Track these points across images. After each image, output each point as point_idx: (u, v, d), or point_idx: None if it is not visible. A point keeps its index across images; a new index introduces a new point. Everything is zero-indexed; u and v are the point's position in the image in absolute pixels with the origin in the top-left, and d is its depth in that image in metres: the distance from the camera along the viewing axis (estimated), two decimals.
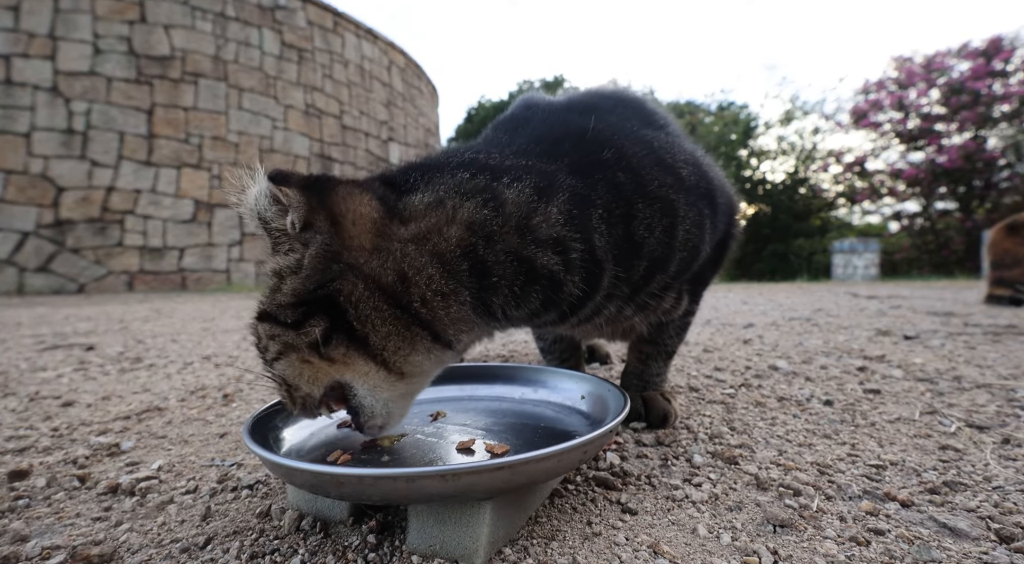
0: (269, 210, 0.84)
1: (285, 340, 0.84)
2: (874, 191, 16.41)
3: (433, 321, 0.85)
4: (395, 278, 0.83)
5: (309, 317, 0.82)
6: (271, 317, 0.85)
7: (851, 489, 0.89)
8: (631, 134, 1.04)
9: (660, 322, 1.23)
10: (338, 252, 0.83)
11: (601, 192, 0.93)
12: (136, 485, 0.88)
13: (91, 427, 1.25)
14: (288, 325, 0.83)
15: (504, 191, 0.88)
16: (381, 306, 0.82)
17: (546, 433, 0.96)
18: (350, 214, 0.86)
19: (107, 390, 1.68)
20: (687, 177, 1.05)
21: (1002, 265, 4.47)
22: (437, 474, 0.60)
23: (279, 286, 0.85)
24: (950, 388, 1.58)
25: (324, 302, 0.82)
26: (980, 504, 0.83)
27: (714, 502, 0.85)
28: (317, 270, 0.83)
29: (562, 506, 0.83)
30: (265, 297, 0.87)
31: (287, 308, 0.83)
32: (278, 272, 0.86)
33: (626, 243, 0.95)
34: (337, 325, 0.82)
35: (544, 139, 0.99)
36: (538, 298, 0.89)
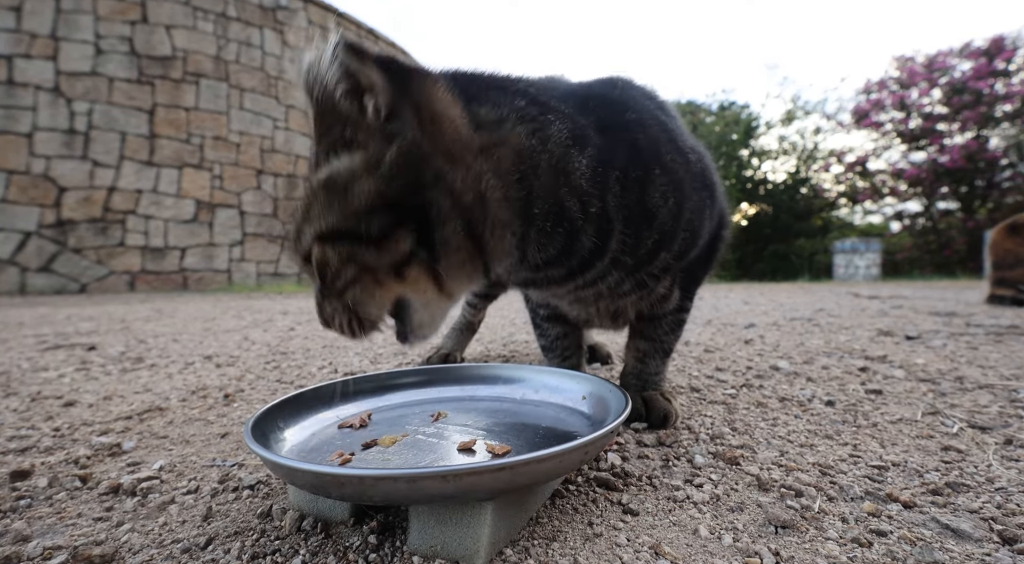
0: (338, 85, 0.71)
1: (365, 260, 0.76)
2: (876, 191, 16.39)
3: (491, 251, 0.84)
4: (474, 198, 0.79)
5: (395, 229, 0.75)
6: (346, 233, 0.75)
7: (853, 490, 0.89)
8: (648, 110, 1.05)
9: (653, 315, 1.25)
10: (429, 155, 0.75)
11: (621, 154, 0.95)
12: (137, 485, 0.88)
13: (92, 427, 1.25)
14: (369, 240, 0.75)
15: (550, 129, 0.89)
16: (458, 227, 0.78)
17: (547, 434, 0.96)
18: (438, 112, 0.78)
19: (108, 390, 1.68)
20: (694, 163, 1.08)
21: (1004, 265, 4.46)
22: (438, 474, 0.60)
23: (348, 189, 0.74)
24: (952, 389, 1.58)
25: (414, 213, 0.75)
26: (983, 505, 0.83)
27: (715, 503, 0.85)
28: (405, 172, 0.74)
29: (563, 507, 0.83)
30: (323, 210, 0.75)
31: (368, 217, 0.74)
32: (344, 173, 0.74)
33: (639, 208, 0.97)
34: (421, 241, 0.76)
35: (572, 97, 1.00)
36: (559, 243, 0.90)
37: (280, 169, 10.80)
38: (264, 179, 10.62)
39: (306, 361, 2.22)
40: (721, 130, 17.25)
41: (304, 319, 4.14)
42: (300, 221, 0.79)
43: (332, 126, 0.74)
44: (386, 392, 1.18)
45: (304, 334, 3.17)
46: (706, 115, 18.76)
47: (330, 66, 0.70)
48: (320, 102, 0.73)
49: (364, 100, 0.73)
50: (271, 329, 3.50)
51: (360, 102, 0.73)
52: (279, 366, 2.11)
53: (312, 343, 2.76)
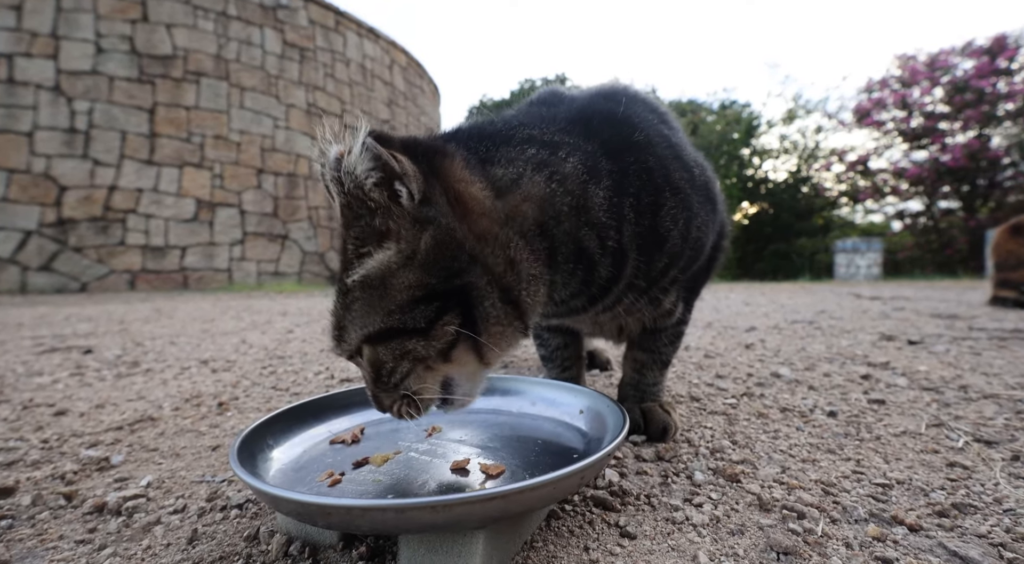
0: (368, 176, 0.70)
1: (416, 352, 0.76)
2: (877, 190, 16.34)
3: (526, 309, 0.84)
4: (506, 267, 0.79)
5: (440, 316, 0.74)
6: (397, 331, 0.74)
7: (857, 511, 0.86)
8: (653, 126, 1.04)
9: (656, 327, 1.23)
10: (462, 237, 0.75)
11: (633, 179, 0.95)
12: (123, 504, 0.86)
13: (82, 438, 1.23)
14: (418, 331, 0.74)
15: (565, 168, 0.89)
16: (496, 300, 0.78)
17: (544, 450, 0.94)
18: (462, 192, 0.78)
19: (102, 397, 1.66)
20: (698, 177, 1.07)
21: (1006, 266, 4.43)
22: (428, 506, 0.58)
23: (389, 283, 0.73)
24: (956, 398, 1.56)
25: (456, 297, 0.75)
26: (991, 529, 0.81)
27: (715, 525, 0.83)
28: (442, 258, 0.74)
29: (559, 529, 0.80)
30: (367, 310, 0.74)
31: (413, 310, 0.73)
32: (381, 268, 0.73)
33: (652, 235, 0.97)
34: (464, 322, 0.76)
35: (578, 119, 0.99)
36: (579, 279, 0.91)
37: (280, 168, 10.78)
38: (264, 178, 10.60)
39: (303, 366, 2.20)
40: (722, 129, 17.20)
41: (303, 321, 4.12)
42: (341, 320, 0.78)
43: (362, 217, 0.73)
44: None
45: (302, 337, 3.15)
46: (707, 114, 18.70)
47: (360, 157, 0.69)
48: (350, 193, 0.71)
49: (396, 187, 0.71)
50: (269, 331, 3.48)
51: (391, 190, 0.72)
52: (275, 371, 2.09)
53: (310, 346, 2.75)
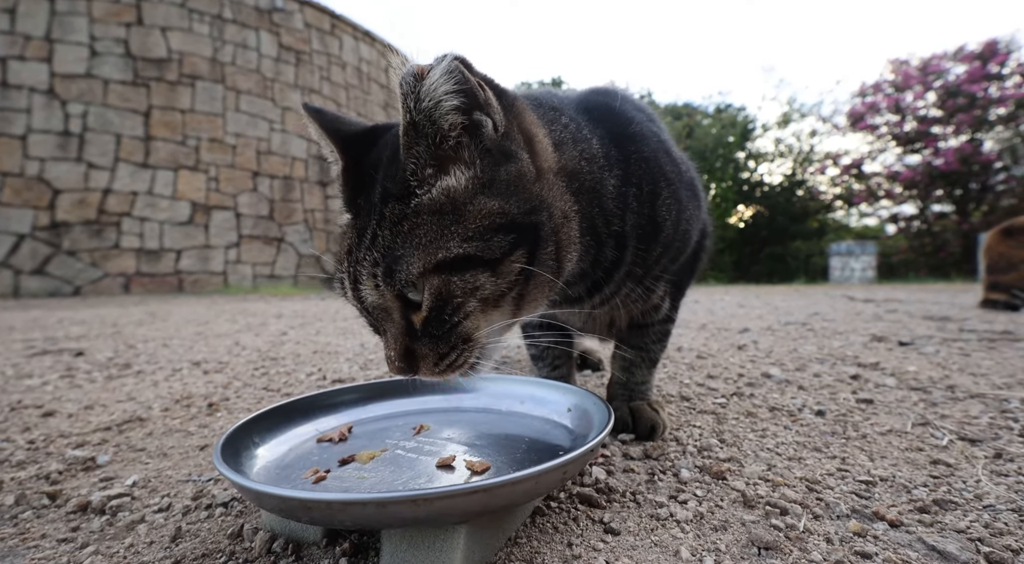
0: (448, 99, 0.68)
1: (485, 289, 0.71)
2: (871, 193, 16.43)
3: (564, 268, 0.83)
4: (562, 217, 0.80)
5: (513, 250, 0.72)
6: (474, 259, 0.69)
7: (839, 507, 0.87)
8: (643, 123, 1.08)
9: (643, 323, 1.26)
10: (534, 177, 0.75)
11: (635, 168, 0.98)
12: (107, 503, 0.86)
13: (69, 439, 1.23)
14: (490, 264, 0.71)
15: (592, 149, 0.92)
16: (552, 248, 0.78)
17: (530, 448, 0.94)
18: (532, 134, 0.79)
19: (91, 398, 1.66)
20: (684, 172, 1.12)
21: (996, 269, 4.45)
22: (408, 499, 0.58)
23: (465, 208, 0.70)
24: (943, 398, 1.57)
25: (529, 234, 0.73)
26: (970, 524, 0.81)
27: (699, 521, 0.83)
28: (520, 191, 0.73)
29: (543, 525, 0.81)
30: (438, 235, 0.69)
31: (493, 236, 0.70)
32: (458, 191, 0.70)
33: (650, 224, 1.00)
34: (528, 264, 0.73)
35: (582, 108, 1.02)
36: (589, 259, 0.93)
37: (276, 171, 10.77)
38: (260, 181, 10.59)
39: (295, 367, 2.20)
40: (718, 132, 17.26)
41: (297, 323, 4.12)
42: (391, 250, 0.70)
43: (428, 138, 0.69)
44: (368, 403, 1.16)
45: (296, 339, 3.15)
46: (703, 117, 18.78)
47: (444, 78, 0.66)
48: (423, 112, 0.67)
49: (476, 116, 0.71)
50: (263, 333, 3.47)
51: (470, 118, 0.70)
52: (267, 373, 2.09)
53: (303, 348, 2.74)
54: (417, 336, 0.74)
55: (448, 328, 0.73)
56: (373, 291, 0.73)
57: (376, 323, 0.79)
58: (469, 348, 0.76)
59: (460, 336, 0.74)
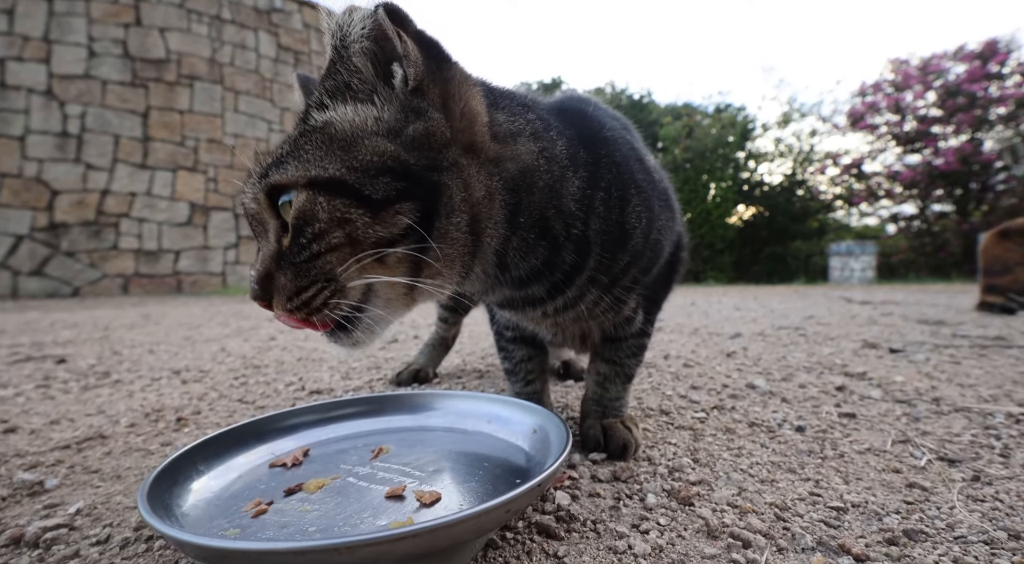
0: (362, 42, 0.71)
1: (356, 226, 0.69)
2: (871, 193, 16.33)
3: (476, 254, 0.81)
4: (483, 195, 0.78)
5: (400, 199, 0.70)
6: (347, 187, 0.68)
7: (805, 539, 0.84)
8: (617, 130, 1.07)
9: (617, 336, 1.23)
10: (448, 141, 0.75)
11: (604, 172, 0.96)
12: (43, 535, 0.83)
13: (24, 459, 1.20)
14: (369, 204, 0.69)
15: (555, 148, 0.90)
16: (462, 222, 0.75)
17: (488, 474, 0.91)
18: (469, 107, 0.78)
19: (60, 411, 1.63)
20: (658, 181, 1.11)
21: (992, 272, 4.41)
22: (331, 548, 0.55)
23: (358, 141, 0.71)
24: (927, 412, 1.53)
25: (425, 192, 0.71)
26: (939, 559, 0.78)
27: (657, 556, 0.80)
28: (426, 148, 0.72)
29: (494, 561, 0.78)
30: (322, 154, 0.70)
31: (375, 176, 0.69)
32: (355, 123, 0.72)
33: (617, 230, 0.97)
34: (420, 224, 0.71)
35: (555, 110, 1.01)
36: (539, 258, 0.90)
37: None
38: None
39: (276, 376, 2.17)
40: (717, 132, 17.16)
41: (288, 328, 4.08)
42: (284, 152, 0.73)
43: (345, 75, 0.73)
44: (331, 423, 1.14)
45: (283, 344, 3.12)
46: (702, 117, 18.70)
47: (361, 21, 0.70)
48: (343, 50, 0.72)
49: (392, 66, 0.73)
50: (252, 338, 3.45)
51: (385, 67, 0.73)
52: (247, 382, 2.06)
53: (288, 355, 2.72)
54: (281, 265, 0.72)
55: (308, 257, 0.70)
56: (251, 196, 0.74)
57: (256, 240, 0.79)
58: (329, 289, 0.71)
59: (321, 272, 0.70)
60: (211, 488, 0.86)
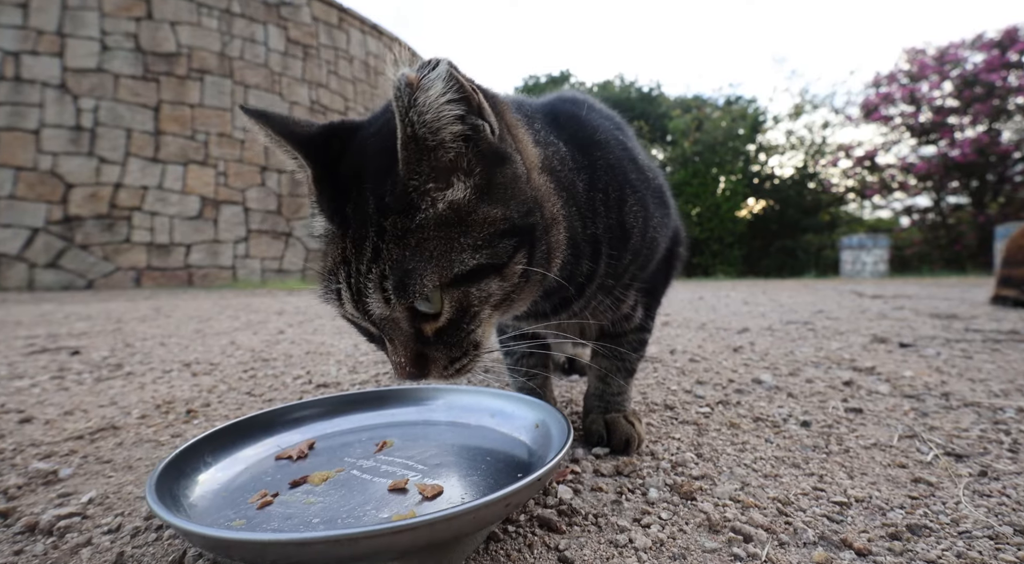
0: (449, 109, 0.65)
1: (494, 294, 0.73)
2: (884, 186, 16.13)
3: (554, 265, 0.83)
4: (551, 215, 0.80)
5: (515, 253, 0.73)
6: (487, 268, 0.71)
7: (807, 534, 0.84)
8: (610, 130, 1.07)
9: (616, 332, 1.24)
10: (525, 177, 0.76)
11: (601, 174, 0.97)
12: (56, 523, 0.85)
13: (39, 449, 1.22)
14: (499, 269, 0.72)
15: (562, 151, 0.92)
16: (545, 247, 0.78)
17: (490, 467, 0.92)
18: (519, 136, 0.79)
19: (74, 402, 1.66)
20: (651, 179, 1.11)
21: (1012, 262, 4.33)
22: (332, 539, 0.56)
23: (470, 218, 0.70)
24: (936, 407, 1.52)
25: (528, 234, 0.74)
26: (942, 554, 0.78)
27: (658, 549, 0.80)
28: (519, 193, 0.74)
29: (495, 553, 0.79)
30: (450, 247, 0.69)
31: (498, 242, 0.71)
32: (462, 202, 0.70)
33: (619, 230, 0.99)
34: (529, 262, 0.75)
35: (546, 114, 1.01)
36: (568, 269, 0.91)
37: (284, 166, 10.72)
38: (268, 176, 10.64)
39: (285, 369, 2.20)
40: (728, 125, 17.00)
41: (296, 320, 4.12)
42: (403, 265, 0.68)
43: (431, 151, 0.67)
44: (337, 416, 1.15)
45: (292, 338, 3.15)
46: (713, 109, 18.53)
47: (444, 85, 0.64)
48: (427, 125, 0.65)
49: (474, 121, 0.69)
50: (261, 331, 3.48)
51: (469, 124, 0.69)
52: (255, 375, 2.09)
53: (296, 348, 2.74)
54: (428, 342, 0.75)
55: (463, 335, 0.75)
56: (383, 305, 0.71)
57: (376, 332, 0.79)
58: (479, 352, 0.78)
59: (472, 342, 0.76)
60: (218, 479, 0.88)
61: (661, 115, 19.41)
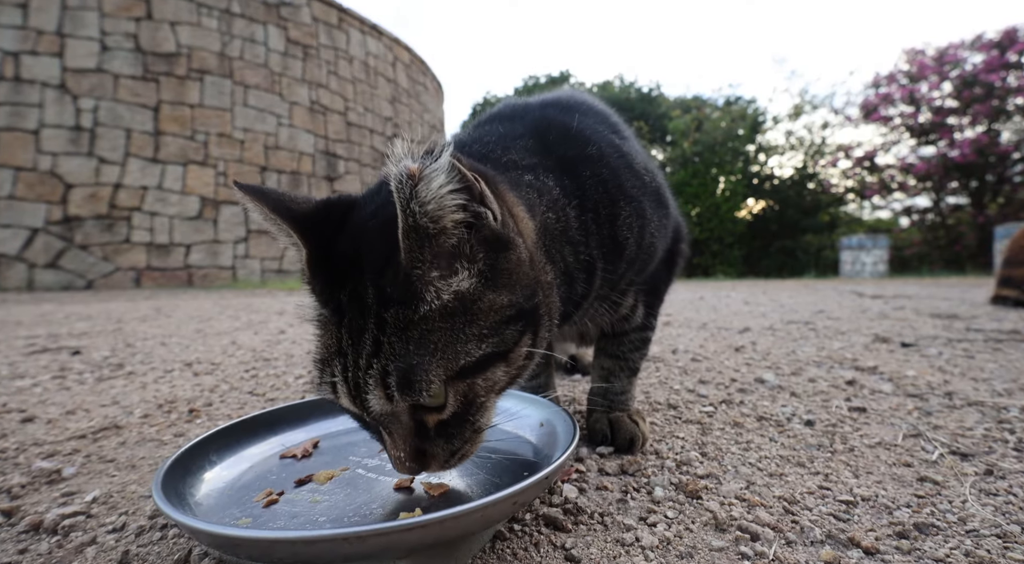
0: (451, 199, 0.63)
1: (500, 381, 0.72)
2: (884, 186, 16.14)
3: (552, 329, 0.82)
4: (548, 288, 0.79)
5: (521, 337, 0.72)
6: (494, 356, 0.69)
7: (814, 533, 0.84)
8: (604, 137, 1.06)
9: (617, 332, 1.24)
10: (529, 258, 0.75)
11: (591, 192, 0.96)
12: (61, 522, 0.84)
13: (42, 448, 1.22)
14: (504, 355, 0.70)
15: (553, 192, 0.90)
16: (547, 320, 0.77)
17: (495, 466, 0.92)
18: (517, 213, 0.78)
19: (76, 402, 1.65)
20: (648, 183, 1.09)
21: (1013, 262, 4.33)
22: (339, 537, 0.56)
23: (475, 307, 0.68)
24: (940, 406, 1.52)
25: (533, 315, 0.73)
26: (950, 552, 0.78)
27: (664, 548, 0.80)
28: (523, 276, 0.73)
29: (502, 552, 0.78)
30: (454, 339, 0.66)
31: (504, 329, 0.70)
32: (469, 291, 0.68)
33: (612, 244, 0.98)
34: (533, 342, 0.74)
35: (534, 133, 1.00)
36: (562, 296, 0.89)
37: (284, 166, 10.80)
38: (268, 176, 10.63)
39: (286, 369, 2.19)
40: (727, 125, 17.01)
41: (297, 321, 4.11)
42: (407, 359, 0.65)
43: (432, 239, 0.65)
44: (341, 415, 1.13)
45: (292, 338, 3.15)
46: (712, 110, 18.54)
47: (447, 176, 0.62)
48: (427, 215, 0.62)
49: (476, 209, 0.67)
50: (262, 332, 3.48)
51: (471, 212, 0.67)
52: (257, 375, 2.08)
53: (297, 348, 2.74)
54: (429, 435, 0.71)
55: (466, 426, 0.72)
56: (384, 402, 0.67)
57: (374, 425, 0.74)
58: (480, 438, 0.76)
59: (474, 429, 0.73)
60: (223, 478, 0.87)
61: (661, 115, 19.42)
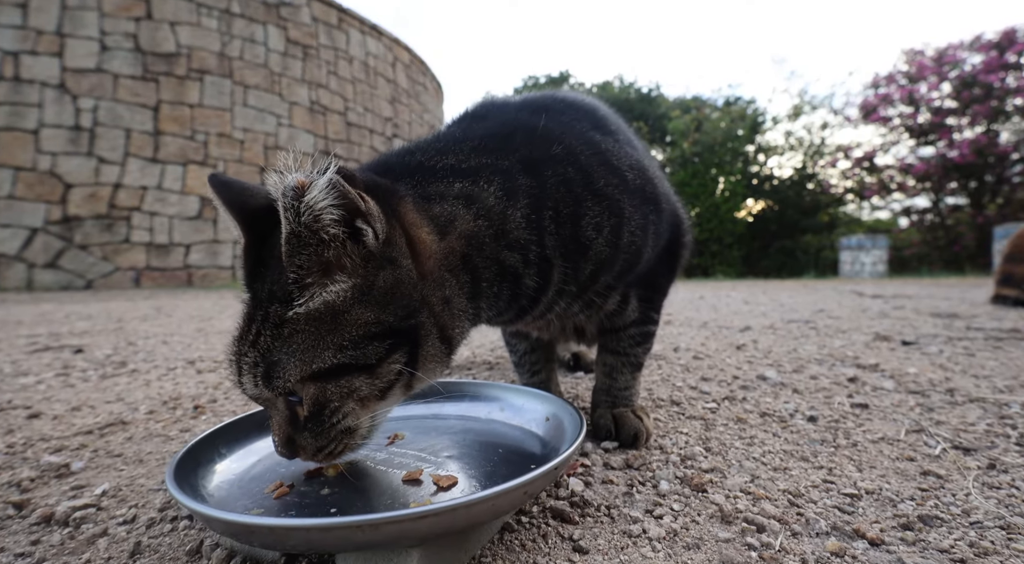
0: (330, 212, 0.67)
1: (361, 391, 0.74)
2: (883, 186, 16.16)
3: (455, 344, 0.84)
4: (442, 305, 0.80)
5: (391, 354, 0.74)
6: (349, 367, 0.72)
7: (819, 524, 0.84)
8: (580, 134, 1.05)
9: (614, 327, 1.24)
10: (415, 278, 0.76)
11: (551, 191, 0.95)
12: (72, 514, 0.85)
13: (49, 443, 1.23)
14: (366, 368, 0.73)
15: (488, 199, 0.89)
16: (435, 338, 0.79)
17: (503, 459, 0.92)
18: (415, 235, 0.79)
19: (81, 399, 1.66)
20: (632, 180, 1.06)
21: (1013, 259, 4.33)
22: (354, 525, 0.56)
23: (342, 319, 0.71)
24: (941, 402, 1.53)
25: (407, 336, 0.75)
26: (955, 543, 0.79)
27: (672, 539, 0.81)
28: (401, 297, 0.74)
29: (510, 543, 0.79)
30: (315, 344, 0.70)
31: (367, 344, 0.72)
32: (336, 302, 0.71)
33: (574, 243, 0.97)
34: (408, 362, 0.76)
35: (498, 134, 0.99)
36: (506, 295, 0.92)
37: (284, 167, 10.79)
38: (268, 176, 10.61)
39: None
40: (727, 126, 17.02)
41: None
42: (269, 354, 0.72)
43: (309, 247, 0.69)
44: None
45: None
46: (712, 110, 18.56)
47: (326, 192, 0.66)
48: (304, 225, 0.67)
49: (358, 225, 0.71)
50: None
51: (351, 227, 0.71)
52: None
53: None
54: (299, 427, 0.76)
55: (327, 426, 0.75)
56: (253, 388, 0.75)
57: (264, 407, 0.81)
58: (350, 438, 0.79)
59: (340, 431, 0.77)
60: (233, 470, 0.88)
61: (660, 116, 19.44)
